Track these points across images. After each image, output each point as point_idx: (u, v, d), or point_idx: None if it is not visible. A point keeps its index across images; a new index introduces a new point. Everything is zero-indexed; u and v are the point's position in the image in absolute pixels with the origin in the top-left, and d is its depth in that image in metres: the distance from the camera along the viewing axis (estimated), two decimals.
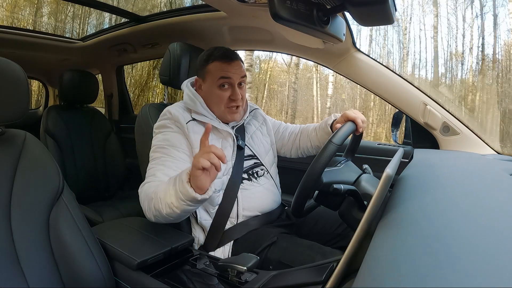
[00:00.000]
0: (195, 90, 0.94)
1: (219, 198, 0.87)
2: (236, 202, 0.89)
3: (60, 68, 2.05)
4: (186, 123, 0.87)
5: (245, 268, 0.63)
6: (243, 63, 0.95)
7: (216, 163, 0.63)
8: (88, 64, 2.06)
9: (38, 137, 0.76)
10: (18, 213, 0.64)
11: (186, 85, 0.96)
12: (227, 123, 0.96)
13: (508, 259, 0.26)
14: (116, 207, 1.51)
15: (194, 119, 0.89)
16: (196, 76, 0.97)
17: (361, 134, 0.91)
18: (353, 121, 0.84)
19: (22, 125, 0.67)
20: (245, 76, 0.93)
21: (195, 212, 0.87)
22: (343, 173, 0.79)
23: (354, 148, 0.94)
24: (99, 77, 2.14)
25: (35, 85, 4.17)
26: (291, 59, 8.28)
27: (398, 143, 1.26)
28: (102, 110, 2.17)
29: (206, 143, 0.66)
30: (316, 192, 0.75)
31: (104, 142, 1.74)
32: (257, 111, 1.09)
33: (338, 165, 0.82)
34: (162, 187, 0.72)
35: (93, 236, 0.71)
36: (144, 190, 0.78)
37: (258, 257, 0.66)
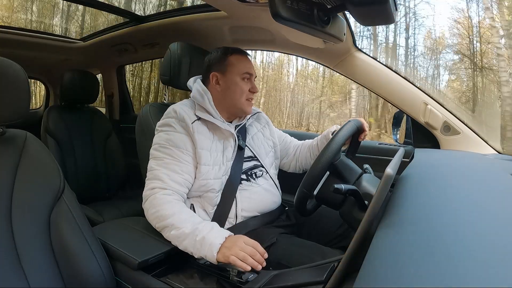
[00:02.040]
0: (210, 86, 0.95)
1: (217, 198, 0.87)
2: (234, 202, 0.88)
3: (61, 68, 2.05)
4: (192, 123, 0.87)
5: None
6: None
7: (258, 259, 0.67)
8: (89, 64, 2.06)
9: (38, 137, 0.76)
10: (19, 213, 0.64)
11: (195, 81, 0.98)
12: (230, 122, 0.96)
13: (508, 259, 0.26)
14: (117, 207, 1.51)
15: (198, 118, 0.89)
16: (201, 75, 0.99)
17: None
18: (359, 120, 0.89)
19: (23, 125, 0.67)
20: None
21: (194, 212, 0.87)
22: (353, 163, 0.81)
23: (355, 150, 0.95)
24: (100, 77, 2.14)
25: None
26: None
27: (399, 143, 1.26)
28: (103, 110, 2.17)
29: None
30: (317, 190, 0.76)
31: (105, 142, 1.74)
32: (260, 114, 1.10)
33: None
34: (183, 225, 0.73)
35: (94, 236, 0.71)
36: (155, 205, 0.78)
37: None
